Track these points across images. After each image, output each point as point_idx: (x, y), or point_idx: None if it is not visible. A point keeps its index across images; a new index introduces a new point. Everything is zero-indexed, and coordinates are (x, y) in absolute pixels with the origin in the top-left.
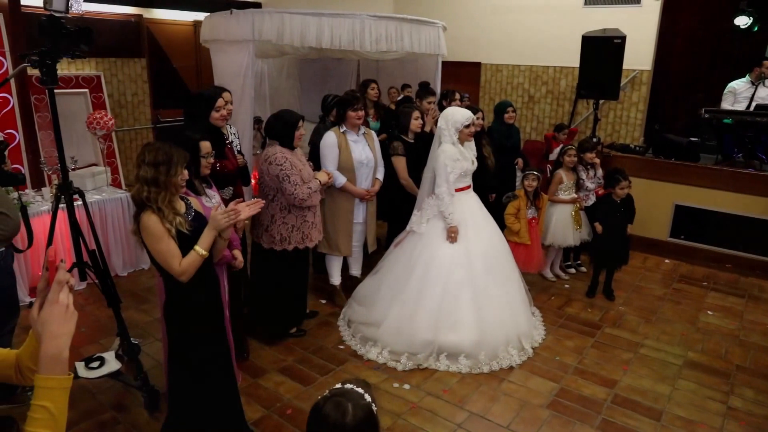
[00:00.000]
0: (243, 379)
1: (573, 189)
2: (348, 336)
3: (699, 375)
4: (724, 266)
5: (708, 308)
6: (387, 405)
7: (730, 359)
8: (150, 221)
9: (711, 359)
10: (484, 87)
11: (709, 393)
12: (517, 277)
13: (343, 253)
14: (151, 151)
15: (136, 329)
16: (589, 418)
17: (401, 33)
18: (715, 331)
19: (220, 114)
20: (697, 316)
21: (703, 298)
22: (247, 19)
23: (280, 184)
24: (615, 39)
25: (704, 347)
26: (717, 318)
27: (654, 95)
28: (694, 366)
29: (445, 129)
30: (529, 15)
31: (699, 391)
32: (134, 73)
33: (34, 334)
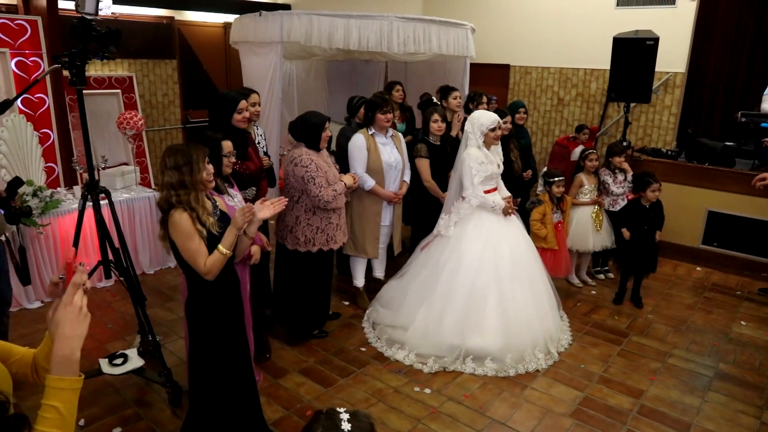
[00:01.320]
0: (264, 379)
1: (594, 193)
2: (373, 338)
3: (730, 387)
4: (759, 275)
5: (741, 318)
6: (407, 409)
7: (764, 372)
8: (182, 218)
9: (744, 371)
10: (512, 89)
11: (741, 407)
12: (545, 280)
13: (369, 256)
14: (170, 155)
15: (161, 327)
16: (614, 428)
17: (429, 34)
18: (748, 342)
19: (242, 116)
20: (729, 326)
21: (736, 307)
22: (275, 20)
23: (305, 186)
24: (647, 40)
25: (736, 359)
26: (751, 329)
27: (688, 98)
28: (725, 378)
29: (471, 132)
30: (559, 16)
31: (730, 404)
32: (165, 74)
33: (49, 334)
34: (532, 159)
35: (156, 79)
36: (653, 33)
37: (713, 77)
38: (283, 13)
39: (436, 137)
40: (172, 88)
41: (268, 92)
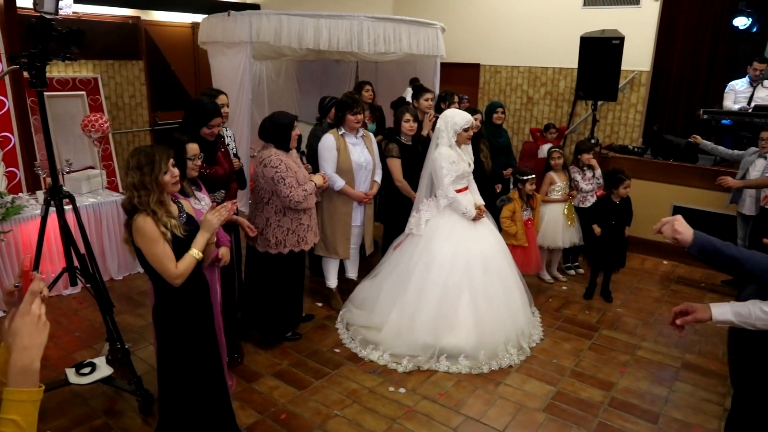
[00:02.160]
0: (237, 384)
1: (566, 190)
2: (347, 339)
3: (696, 377)
4: None
5: None
6: (382, 409)
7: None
8: (146, 223)
9: (708, 361)
10: (483, 88)
11: (706, 395)
12: (516, 276)
13: (340, 257)
14: (133, 156)
15: (130, 334)
16: (586, 421)
17: (399, 34)
18: (712, 333)
19: (211, 132)
20: None
21: (701, 299)
22: (244, 20)
23: (275, 187)
24: (613, 40)
25: (701, 349)
26: None
27: (653, 96)
28: (691, 368)
29: (444, 131)
30: (527, 16)
31: (696, 393)
32: (132, 75)
33: (5, 345)
34: (512, 158)
35: (122, 80)
36: (619, 33)
37: (677, 75)
38: (252, 13)
39: (408, 137)
40: (139, 89)
41: (237, 93)
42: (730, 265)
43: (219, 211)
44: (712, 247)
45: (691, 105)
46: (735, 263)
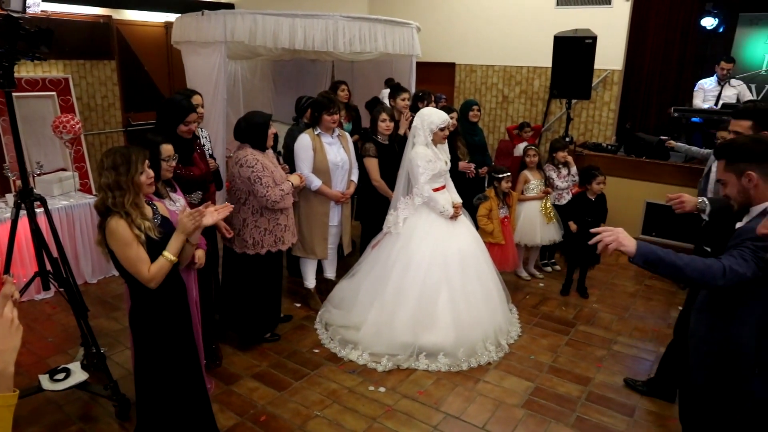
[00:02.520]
0: (216, 386)
1: (541, 188)
2: (326, 339)
3: None
4: None
5: (679, 304)
6: (362, 409)
7: None
8: (119, 226)
9: None
10: (458, 87)
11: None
12: (494, 274)
13: (318, 257)
14: (108, 155)
15: (105, 338)
16: (564, 416)
17: (375, 34)
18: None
19: (188, 128)
20: (668, 312)
21: (674, 294)
22: (218, 20)
23: (251, 187)
24: (586, 39)
25: None
26: None
27: (625, 94)
28: None
29: (420, 129)
30: (502, 16)
31: None
32: (104, 76)
33: None
34: (488, 156)
35: (94, 80)
36: (591, 32)
37: (648, 74)
38: (226, 13)
39: (385, 136)
40: (112, 89)
41: (212, 93)
42: (673, 272)
43: (194, 214)
44: (655, 256)
45: (662, 103)
46: (676, 270)
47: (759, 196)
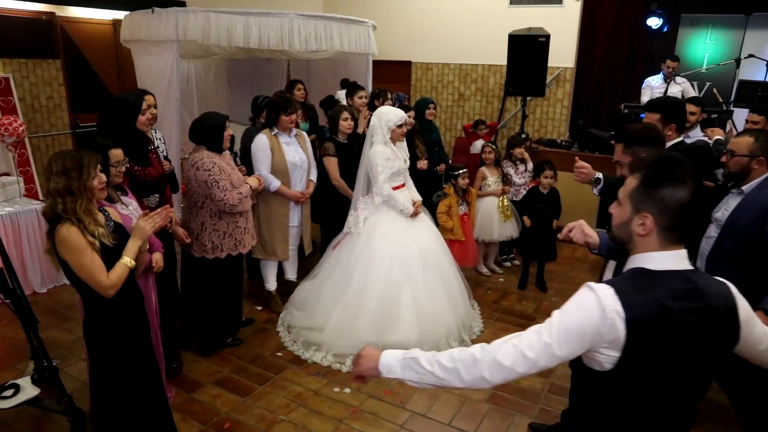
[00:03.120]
0: (176, 395)
1: (499, 184)
2: (289, 342)
3: None
4: None
5: None
6: (328, 411)
7: None
8: (71, 233)
9: None
10: (414, 86)
11: None
12: (455, 271)
13: (279, 258)
14: (57, 159)
15: (58, 350)
16: (528, 408)
17: (331, 32)
18: None
19: (146, 117)
20: None
21: None
22: (170, 18)
23: (208, 190)
24: (540, 38)
25: None
26: None
27: (577, 91)
28: None
29: (378, 128)
30: (457, 14)
31: None
32: (48, 75)
33: None
34: (444, 153)
35: (38, 80)
36: (545, 30)
37: (598, 72)
38: (177, 10)
39: (344, 135)
40: (58, 90)
41: (165, 94)
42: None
43: (152, 218)
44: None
45: (612, 100)
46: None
47: None
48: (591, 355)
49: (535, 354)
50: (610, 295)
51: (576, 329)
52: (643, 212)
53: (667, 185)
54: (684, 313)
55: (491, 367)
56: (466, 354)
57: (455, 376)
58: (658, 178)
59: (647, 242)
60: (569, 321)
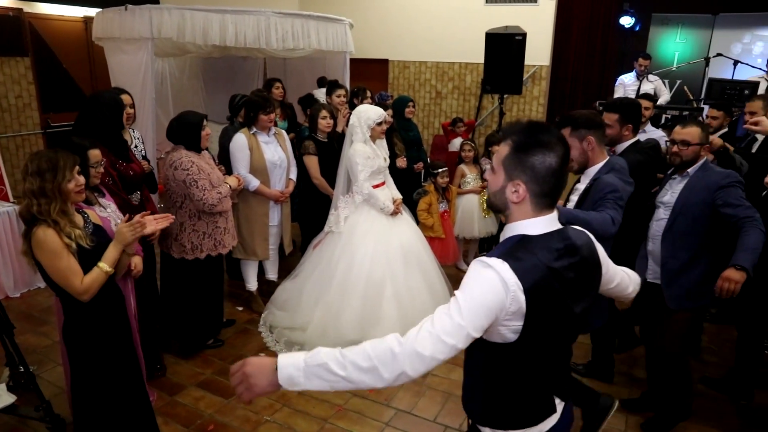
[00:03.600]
0: (159, 398)
1: (478, 181)
2: (272, 342)
3: None
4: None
5: None
6: (313, 411)
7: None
8: (47, 236)
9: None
10: (392, 84)
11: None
12: (436, 268)
13: (260, 258)
14: (33, 160)
15: (34, 355)
16: None
17: (308, 30)
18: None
19: (128, 113)
20: None
21: None
22: (144, 15)
23: (187, 190)
24: (516, 36)
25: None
26: None
27: (553, 89)
28: None
29: (357, 126)
30: (433, 12)
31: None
32: (17, 74)
33: None
34: (423, 152)
35: (6, 78)
36: (521, 29)
37: (573, 70)
38: (151, 8)
39: (324, 134)
40: (27, 89)
41: (140, 92)
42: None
43: (134, 225)
44: (571, 215)
45: (587, 97)
46: (586, 224)
47: (594, 159)
48: (493, 329)
49: (454, 339)
50: (507, 269)
51: (483, 307)
52: (516, 180)
53: (537, 152)
54: (566, 270)
55: (412, 360)
56: (382, 349)
57: (374, 376)
58: (528, 145)
59: (521, 209)
60: (476, 300)
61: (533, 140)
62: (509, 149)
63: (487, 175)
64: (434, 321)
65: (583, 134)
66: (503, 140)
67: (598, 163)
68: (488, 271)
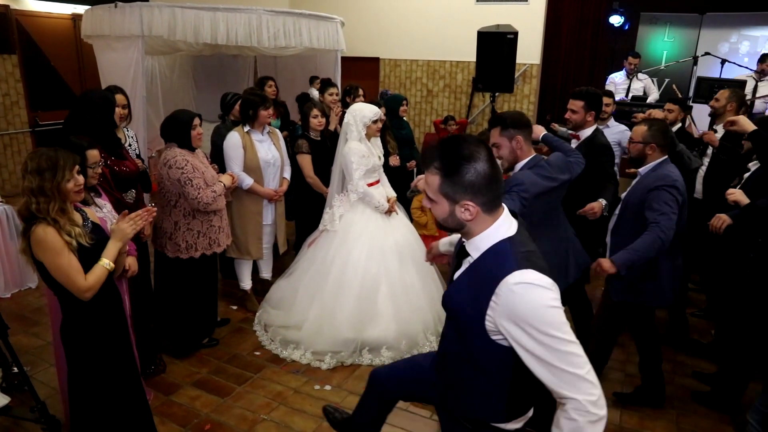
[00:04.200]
0: (155, 398)
1: None
2: (266, 340)
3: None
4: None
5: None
6: (310, 409)
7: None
8: (47, 234)
9: None
10: (383, 82)
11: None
12: (429, 265)
13: (253, 257)
14: (33, 158)
15: (27, 356)
16: None
17: (299, 28)
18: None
19: (119, 111)
20: (595, 286)
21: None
22: (134, 13)
23: (182, 189)
24: (508, 34)
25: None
26: None
27: (543, 87)
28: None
29: (353, 125)
30: (424, 11)
31: None
32: (4, 72)
33: None
34: (415, 150)
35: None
36: (512, 27)
37: (563, 68)
38: (142, 5)
39: (317, 132)
40: (15, 87)
41: (130, 91)
42: None
43: (134, 219)
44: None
45: None
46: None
47: (522, 156)
48: None
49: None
50: (550, 281)
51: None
52: (462, 201)
53: (466, 168)
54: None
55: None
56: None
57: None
58: (455, 165)
59: (479, 221)
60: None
61: (457, 159)
62: (439, 177)
63: (426, 203)
64: (571, 360)
65: (512, 134)
66: (426, 170)
67: (523, 160)
68: (545, 292)
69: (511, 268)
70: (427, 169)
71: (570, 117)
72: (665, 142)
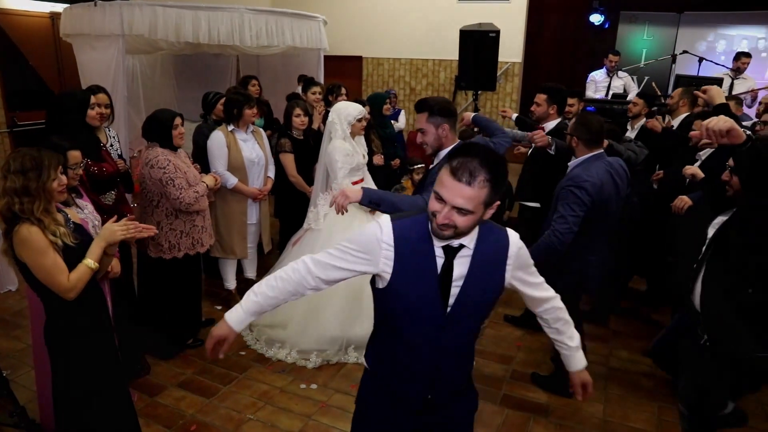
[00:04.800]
0: (139, 399)
1: None
2: (252, 340)
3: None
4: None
5: None
6: (296, 408)
7: (610, 326)
8: (32, 233)
9: (592, 327)
10: (366, 80)
11: (593, 358)
12: None
13: (238, 256)
14: (16, 158)
15: (6, 360)
16: (492, 395)
17: (282, 27)
18: None
19: (96, 111)
20: None
21: None
22: (114, 11)
23: (163, 189)
24: (491, 33)
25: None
26: None
27: (525, 86)
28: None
29: (337, 123)
30: (406, 9)
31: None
32: None
33: None
34: (399, 148)
35: None
36: (494, 26)
37: (545, 66)
38: (122, 3)
39: (299, 131)
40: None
41: (111, 90)
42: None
43: (127, 225)
44: (377, 197)
45: None
46: (395, 207)
47: (447, 144)
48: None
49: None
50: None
51: None
52: (493, 203)
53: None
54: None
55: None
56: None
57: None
58: (502, 177)
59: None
60: None
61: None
62: (489, 189)
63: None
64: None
65: (439, 121)
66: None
67: (448, 147)
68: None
69: (504, 232)
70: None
71: (534, 109)
72: (589, 137)
